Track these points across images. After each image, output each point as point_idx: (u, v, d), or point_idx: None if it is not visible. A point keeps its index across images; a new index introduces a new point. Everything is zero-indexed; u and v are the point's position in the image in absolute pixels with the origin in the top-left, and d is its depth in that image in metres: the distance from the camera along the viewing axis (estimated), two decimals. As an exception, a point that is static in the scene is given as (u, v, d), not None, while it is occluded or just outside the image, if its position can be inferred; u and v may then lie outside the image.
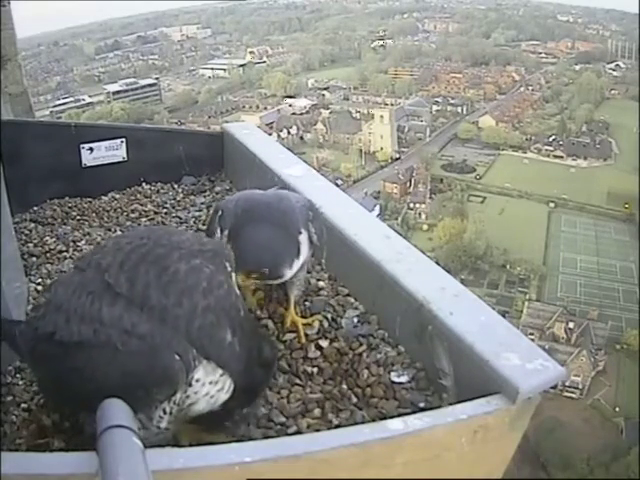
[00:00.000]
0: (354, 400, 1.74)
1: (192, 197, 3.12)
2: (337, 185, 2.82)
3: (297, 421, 1.66)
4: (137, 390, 1.28)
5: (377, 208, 46.59)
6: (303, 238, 1.87)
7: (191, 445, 1.48)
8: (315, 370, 1.85)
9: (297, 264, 1.85)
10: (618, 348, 35.93)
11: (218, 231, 1.86)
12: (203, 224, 2.79)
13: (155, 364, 1.28)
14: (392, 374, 1.80)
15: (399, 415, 1.54)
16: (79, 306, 1.34)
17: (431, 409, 1.52)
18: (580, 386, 32.68)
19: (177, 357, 1.29)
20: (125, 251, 1.40)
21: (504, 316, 1.76)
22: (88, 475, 1.11)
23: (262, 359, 1.50)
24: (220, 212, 1.90)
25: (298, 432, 1.62)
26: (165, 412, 1.35)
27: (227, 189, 3.16)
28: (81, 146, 3.03)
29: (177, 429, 1.49)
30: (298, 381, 1.81)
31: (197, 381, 1.35)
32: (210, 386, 1.37)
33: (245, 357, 1.41)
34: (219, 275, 1.41)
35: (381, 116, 60.43)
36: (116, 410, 1.20)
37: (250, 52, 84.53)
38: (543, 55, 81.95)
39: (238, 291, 1.49)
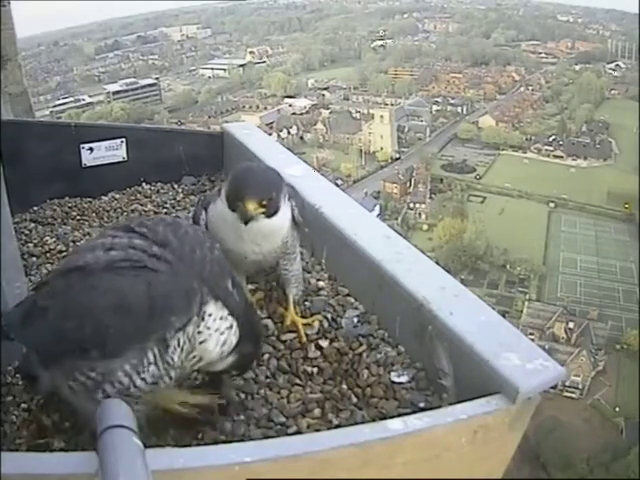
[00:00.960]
0: (354, 400, 1.74)
1: (192, 197, 3.12)
2: (337, 185, 2.81)
3: (297, 421, 1.66)
4: (158, 303, 1.35)
5: (377, 208, 46.58)
6: (288, 204, 1.93)
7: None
8: (315, 370, 1.85)
9: (287, 214, 1.91)
10: (618, 348, 35.93)
11: (203, 213, 1.91)
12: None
13: (176, 283, 1.39)
14: (392, 374, 1.80)
15: (399, 415, 1.54)
16: (105, 242, 1.45)
17: (431, 409, 1.52)
18: (580, 386, 32.67)
19: (195, 284, 1.42)
20: (141, 219, 1.61)
21: (504, 316, 1.76)
22: (88, 475, 1.11)
23: (253, 328, 1.60)
24: (202, 197, 1.98)
25: (298, 432, 1.62)
26: (179, 344, 1.42)
27: (227, 189, 3.16)
28: (81, 146, 3.03)
29: (154, 398, 1.51)
30: (298, 381, 1.81)
31: (209, 315, 1.46)
32: (220, 321, 1.48)
33: (242, 308, 1.55)
34: (214, 243, 1.60)
35: (381, 116, 60.43)
36: (116, 410, 1.20)
37: (250, 52, 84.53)
38: (543, 55, 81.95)
39: None
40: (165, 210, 2.98)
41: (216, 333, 1.47)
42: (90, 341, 1.35)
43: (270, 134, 37.56)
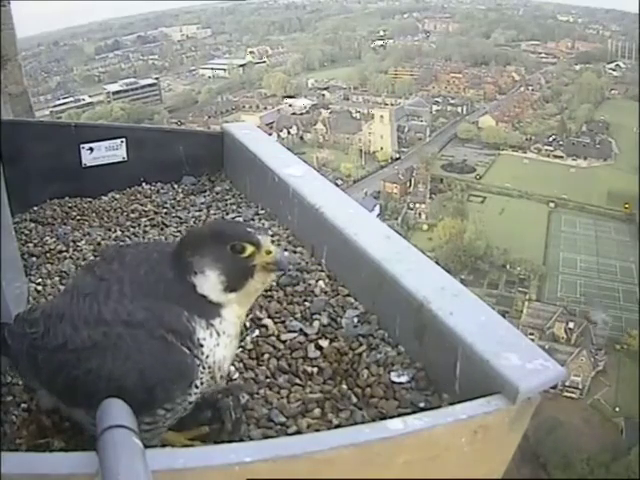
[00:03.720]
0: (354, 400, 1.74)
1: (192, 197, 3.11)
2: (337, 185, 2.81)
3: (297, 421, 1.66)
4: (154, 385, 1.33)
5: (377, 208, 46.61)
6: None
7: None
8: (315, 370, 1.85)
9: None
10: (618, 348, 35.95)
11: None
12: (203, 224, 2.79)
13: (166, 362, 1.34)
14: (392, 374, 1.80)
15: (399, 415, 1.53)
16: (80, 311, 1.40)
17: (431, 409, 1.52)
18: (580, 386, 32.69)
19: (186, 349, 1.35)
20: (114, 253, 1.54)
21: (504, 316, 1.75)
22: (88, 475, 1.11)
23: None
24: None
25: (298, 432, 1.62)
26: (197, 387, 1.40)
27: (227, 189, 3.16)
28: (81, 146, 3.03)
29: (168, 437, 1.51)
30: (298, 381, 1.81)
31: (204, 339, 1.40)
32: (211, 339, 1.41)
33: None
34: (162, 249, 1.53)
35: (381, 116, 60.46)
36: (116, 410, 1.20)
37: (250, 52, 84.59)
38: (543, 55, 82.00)
39: None
40: (165, 210, 2.98)
41: (217, 347, 1.43)
42: (90, 407, 1.34)
43: (270, 134, 37.58)
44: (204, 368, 1.40)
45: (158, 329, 1.34)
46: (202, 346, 1.39)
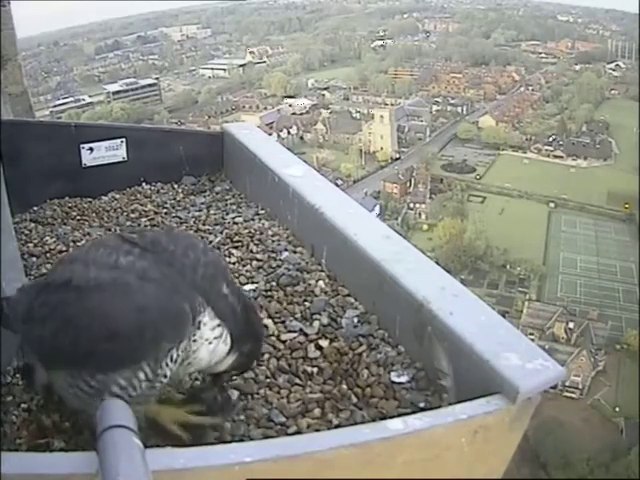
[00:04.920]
0: (354, 400, 1.74)
1: (192, 197, 3.11)
2: (337, 185, 2.81)
3: (297, 421, 1.66)
4: (149, 332, 1.33)
5: (377, 208, 46.63)
6: None
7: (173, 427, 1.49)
8: (315, 370, 1.85)
9: None
10: (618, 348, 35.96)
11: None
12: (203, 224, 2.80)
13: (167, 307, 1.35)
14: (392, 374, 1.80)
15: (399, 415, 1.54)
16: (96, 257, 1.42)
17: (431, 409, 1.52)
18: (580, 386, 32.71)
19: (187, 304, 1.38)
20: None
21: (504, 316, 1.75)
22: (88, 475, 1.10)
23: (252, 327, 1.56)
24: None
25: (298, 432, 1.62)
26: (172, 359, 1.40)
27: (227, 189, 3.16)
28: (81, 146, 3.02)
29: (160, 412, 1.50)
30: (298, 381, 1.81)
31: (204, 325, 1.43)
32: (210, 332, 1.45)
33: (238, 312, 1.50)
34: (209, 247, 1.62)
35: (381, 116, 60.47)
36: (116, 410, 1.20)
37: (250, 52, 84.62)
38: (543, 55, 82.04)
39: None
40: (165, 210, 2.97)
41: (206, 342, 1.45)
42: (83, 360, 1.35)
43: (270, 134, 37.58)
44: (191, 348, 1.42)
45: (169, 290, 1.37)
46: (199, 329, 1.42)
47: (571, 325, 35.14)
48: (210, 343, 1.45)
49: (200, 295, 1.41)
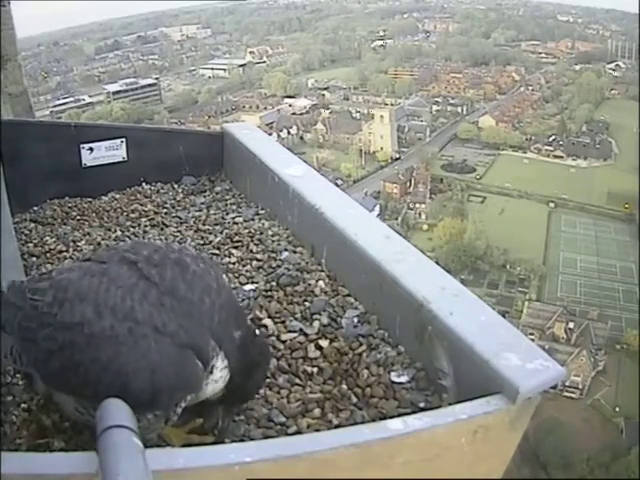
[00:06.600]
0: (354, 400, 1.74)
1: (192, 197, 3.11)
2: (337, 185, 2.81)
3: (297, 421, 1.66)
4: (162, 394, 1.34)
5: (377, 208, 46.63)
6: None
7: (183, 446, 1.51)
8: (315, 370, 1.85)
9: None
10: (618, 348, 35.95)
11: None
12: (203, 224, 2.80)
13: (183, 367, 1.37)
14: (392, 374, 1.80)
15: (399, 415, 1.54)
16: (109, 299, 1.37)
17: (431, 409, 1.52)
18: (580, 386, 32.70)
19: (199, 364, 1.39)
20: (146, 251, 1.50)
21: (504, 316, 1.75)
22: (88, 475, 1.10)
23: (255, 358, 1.56)
24: None
25: (298, 432, 1.62)
26: (182, 405, 1.42)
27: (227, 189, 3.16)
28: (81, 146, 3.02)
29: (166, 432, 1.53)
30: (298, 381, 1.81)
31: (216, 368, 1.46)
32: (219, 373, 1.48)
33: (243, 352, 1.51)
34: (220, 278, 1.56)
35: (381, 116, 60.47)
36: (116, 410, 1.19)
37: (250, 52, 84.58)
38: (543, 55, 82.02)
39: None
40: (165, 210, 2.98)
41: (213, 382, 1.48)
42: (92, 398, 1.32)
43: (270, 134, 37.55)
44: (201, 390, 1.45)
45: (184, 344, 1.38)
46: (211, 373, 1.45)
47: (571, 325, 35.13)
48: (216, 382, 1.49)
49: (214, 340, 1.43)
